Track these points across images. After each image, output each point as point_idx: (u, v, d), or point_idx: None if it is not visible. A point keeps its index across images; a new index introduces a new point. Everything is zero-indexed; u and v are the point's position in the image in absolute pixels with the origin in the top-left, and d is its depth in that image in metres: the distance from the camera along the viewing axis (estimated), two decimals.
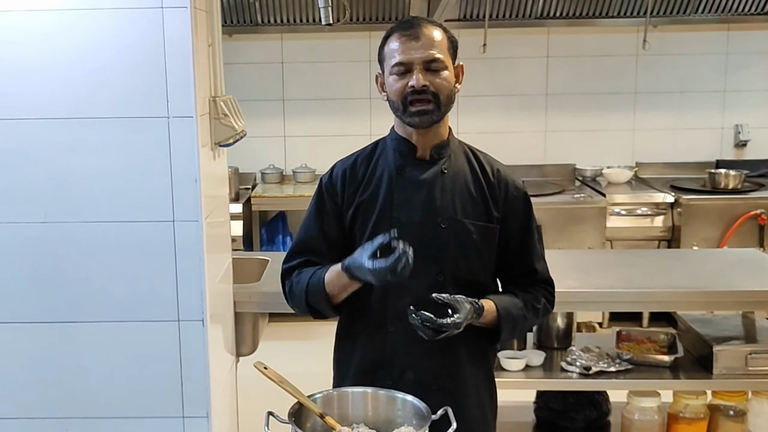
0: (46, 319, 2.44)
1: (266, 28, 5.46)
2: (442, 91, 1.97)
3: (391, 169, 2.07)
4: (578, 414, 3.33)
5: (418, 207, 2.04)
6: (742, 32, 5.64)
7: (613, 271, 3.30)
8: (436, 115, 1.99)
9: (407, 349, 2.04)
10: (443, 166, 2.07)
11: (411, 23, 2.01)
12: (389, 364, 2.06)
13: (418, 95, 1.95)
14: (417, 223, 2.03)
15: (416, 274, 1.97)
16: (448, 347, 2.03)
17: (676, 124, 5.78)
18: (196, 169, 2.37)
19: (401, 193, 2.05)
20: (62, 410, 2.49)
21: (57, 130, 2.36)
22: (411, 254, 1.84)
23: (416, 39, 1.96)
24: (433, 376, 2.05)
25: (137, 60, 2.32)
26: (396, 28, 2.02)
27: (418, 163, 2.07)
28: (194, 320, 2.44)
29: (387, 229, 2.00)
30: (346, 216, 2.08)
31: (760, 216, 4.99)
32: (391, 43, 2.00)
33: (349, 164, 2.12)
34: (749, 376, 3.08)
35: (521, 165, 5.55)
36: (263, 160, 5.73)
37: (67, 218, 2.39)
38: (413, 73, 1.95)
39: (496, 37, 5.32)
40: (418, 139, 2.05)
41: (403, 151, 2.07)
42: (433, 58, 1.96)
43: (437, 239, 2.03)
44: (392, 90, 2.00)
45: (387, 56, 2.01)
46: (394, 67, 1.98)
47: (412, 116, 1.98)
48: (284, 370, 1.89)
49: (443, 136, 2.08)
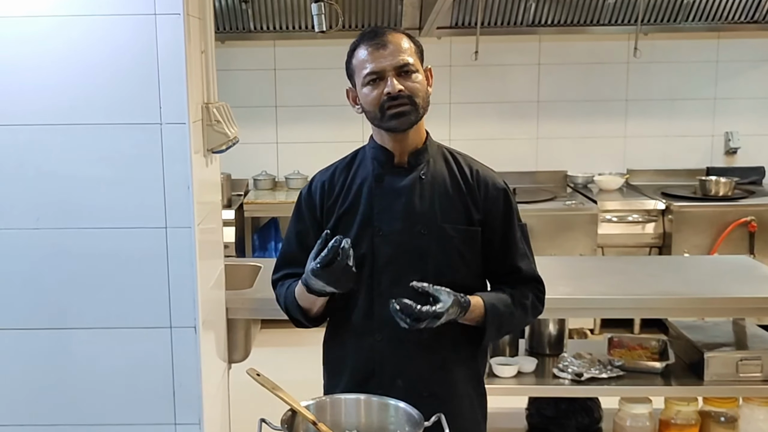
0: (37, 325, 2.44)
1: (259, 34, 5.46)
2: (417, 93, 1.97)
3: (370, 178, 2.07)
4: (570, 420, 3.33)
5: (398, 215, 2.03)
6: (733, 40, 5.67)
7: (605, 278, 3.31)
8: (414, 115, 1.98)
9: (396, 358, 2.04)
10: (421, 172, 2.06)
11: (375, 33, 2.01)
12: (379, 373, 2.06)
13: (394, 101, 1.95)
14: (398, 231, 2.03)
15: (400, 281, 1.98)
16: (437, 353, 2.03)
17: (667, 131, 5.81)
18: (189, 175, 2.37)
19: (380, 201, 2.05)
20: (54, 417, 2.48)
21: (49, 136, 2.36)
22: (348, 248, 1.88)
23: (384, 47, 1.97)
24: (423, 383, 2.05)
25: (130, 66, 2.33)
26: (361, 39, 2.02)
27: (396, 170, 2.06)
28: (186, 327, 2.44)
29: (369, 239, 2.02)
30: (326, 228, 2.06)
31: (750, 223, 5.01)
32: (359, 54, 2.00)
33: (328, 176, 2.13)
34: (740, 382, 3.10)
35: (513, 172, 5.54)
36: (255, 166, 5.73)
37: (59, 224, 2.39)
38: (386, 80, 1.95)
39: (487, 45, 5.34)
40: (395, 146, 2.05)
41: (380, 159, 2.07)
42: (404, 63, 1.96)
43: (419, 246, 2.03)
44: (367, 100, 1.99)
45: (357, 68, 2.01)
46: (367, 77, 1.97)
47: (391, 120, 1.97)
48: (276, 377, 1.88)
49: (419, 142, 2.07)
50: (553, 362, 3.27)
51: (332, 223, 2.07)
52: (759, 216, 5.04)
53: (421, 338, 1.99)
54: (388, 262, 2.03)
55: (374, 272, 2.04)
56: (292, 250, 2.16)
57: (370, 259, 2.03)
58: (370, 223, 2.04)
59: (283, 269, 2.18)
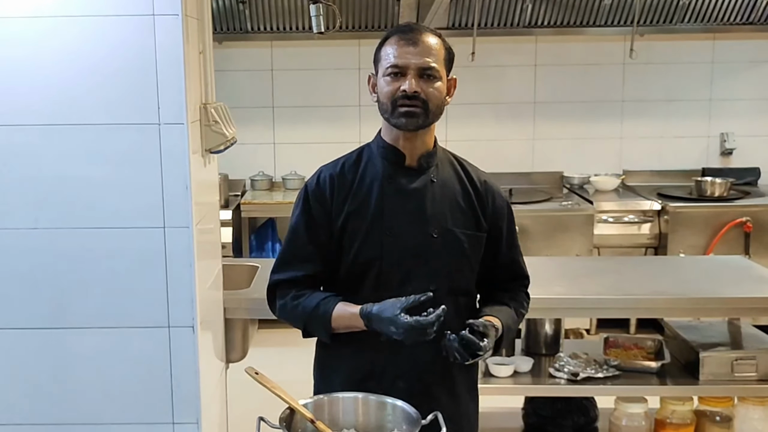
0: (36, 325, 2.45)
1: (256, 35, 5.46)
2: (433, 100, 1.97)
3: (380, 178, 2.05)
4: (566, 420, 3.34)
5: (409, 216, 2.03)
6: (728, 41, 5.68)
7: (601, 278, 3.32)
8: (423, 119, 1.97)
9: (398, 359, 2.04)
10: (432, 175, 2.06)
11: (411, 28, 2.01)
12: (380, 374, 2.05)
13: (408, 100, 1.95)
14: (408, 232, 2.02)
15: (409, 283, 1.98)
16: (439, 356, 2.00)
17: (662, 132, 5.82)
18: (187, 175, 2.38)
19: (391, 202, 2.03)
20: (52, 416, 2.49)
21: (48, 136, 2.36)
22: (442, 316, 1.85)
23: (414, 44, 1.96)
24: (423, 385, 2.05)
25: (128, 67, 2.33)
26: (395, 31, 2.02)
27: (406, 171, 2.05)
28: (184, 326, 2.45)
29: (378, 239, 2.01)
30: (336, 224, 2.05)
31: (745, 224, 5.03)
32: (389, 45, 1.99)
33: (337, 170, 2.08)
34: (735, 382, 3.11)
35: (509, 173, 5.57)
36: (253, 166, 5.73)
37: (57, 224, 2.40)
38: (407, 78, 1.95)
39: (484, 46, 5.35)
40: (405, 146, 2.04)
41: (391, 159, 2.06)
42: (428, 66, 1.96)
43: (429, 249, 2.03)
44: (383, 92, 1.99)
45: (383, 58, 2.00)
46: (388, 69, 1.97)
47: (399, 117, 1.97)
48: (274, 377, 1.89)
49: (430, 146, 2.08)
50: (549, 362, 3.28)
51: (341, 220, 2.04)
52: (754, 216, 5.06)
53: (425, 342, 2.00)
54: (396, 263, 2.02)
55: (382, 273, 2.03)
56: (301, 244, 2.07)
57: (379, 259, 2.02)
58: (380, 223, 2.03)
59: (290, 268, 2.08)
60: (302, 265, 2.07)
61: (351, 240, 2.04)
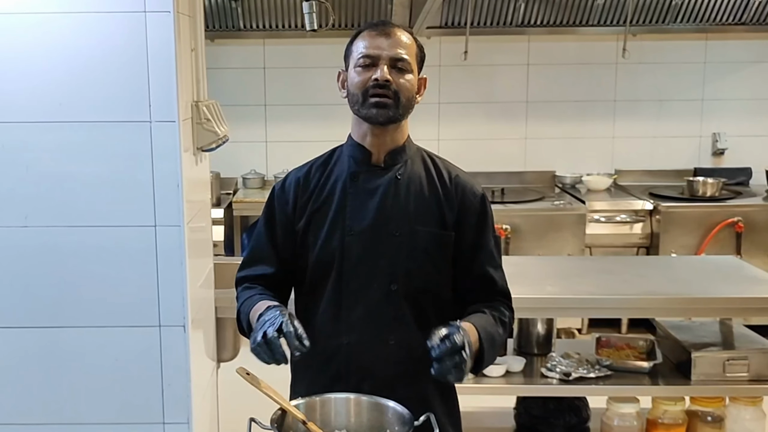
0: (25, 323, 2.43)
1: (248, 33, 5.45)
2: (404, 92, 1.94)
3: (345, 176, 2.03)
4: (558, 420, 3.34)
5: (371, 214, 1.99)
6: (720, 41, 5.70)
7: (593, 278, 3.32)
8: (393, 111, 1.94)
9: (363, 360, 2.00)
10: (398, 172, 2.02)
11: (384, 23, 2.00)
12: (345, 376, 2.00)
13: (380, 89, 1.92)
14: (369, 230, 1.99)
15: (369, 283, 1.96)
16: (408, 357, 1.98)
17: (655, 131, 5.83)
18: (179, 173, 2.37)
19: (354, 200, 2.01)
20: (42, 416, 2.47)
21: (38, 133, 2.35)
22: (301, 334, 1.76)
23: (386, 36, 1.95)
24: (389, 387, 1.95)
25: (120, 64, 2.32)
26: (367, 26, 2.00)
27: (372, 169, 2.02)
28: (175, 325, 2.43)
29: (339, 237, 1.98)
30: (297, 225, 2.03)
31: (737, 223, 5.05)
32: (360, 39, 1.98)
33: (303, 173, 2.08)
34: (727, 382, 3.12)
35: (501, 172, 5.57)
36: (245, 165, 5.72)
37: (48, 222, 2.38)
38: (378, 67, 1.93)
39: (477, 45, 5.34)
40: (373, 143, 2.01)
41: (357, 157, 2.03)
42: (400, 57, 1.94)
43: (390, 248, 1.98)
44: (354, 82, 1.96)
45: (353, 51, 1.99)
46: (360, 59, 1.95)
47: (370, 108, 1.93)
48: (264, 376, 1.88)
49: (399, 142, 2.04)
50: (541, 362, 3.28)
51: (304, 220, 2.03)
52: (746, 216, 5.08)
53: (389, 343, 1.98)
54: (358, 263, 1.98)
55: (343, 273, 1.99)
56: (260, 245, 2.10)
57: (339, 258, 1.99)
58: (341, 222, 2.00)
59: (248, 268, 2.11)
60: (260, 264, 2.09)
61: (314, 239, 2.02)
